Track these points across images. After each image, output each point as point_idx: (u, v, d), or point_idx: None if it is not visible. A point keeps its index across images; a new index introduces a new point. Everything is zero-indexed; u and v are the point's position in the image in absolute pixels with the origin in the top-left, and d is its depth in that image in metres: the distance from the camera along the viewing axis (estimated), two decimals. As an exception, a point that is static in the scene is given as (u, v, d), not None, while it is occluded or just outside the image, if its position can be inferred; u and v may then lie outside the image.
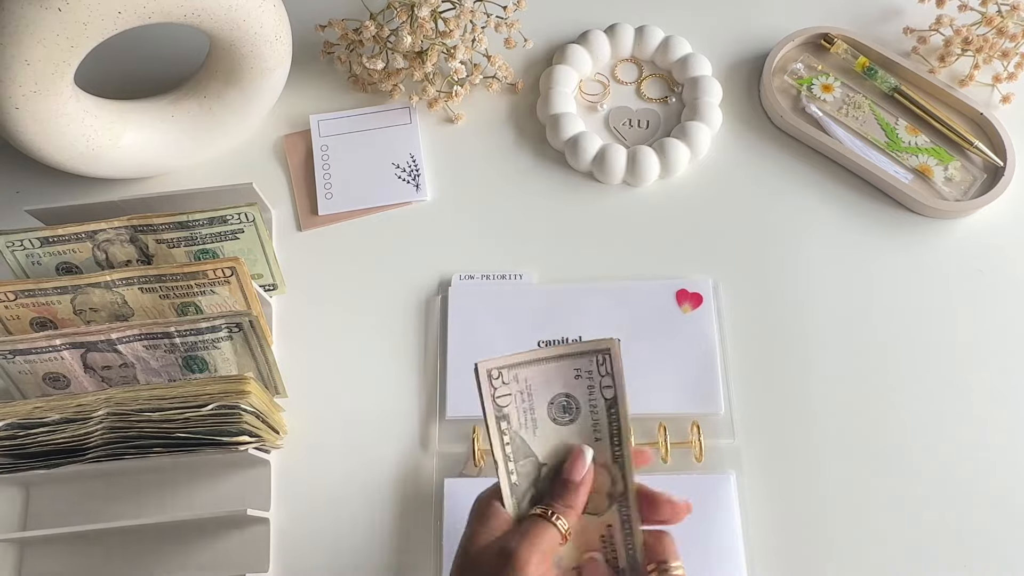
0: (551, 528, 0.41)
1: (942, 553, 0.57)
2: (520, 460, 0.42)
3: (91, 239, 0.59)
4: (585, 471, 0.42)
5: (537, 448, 0.42)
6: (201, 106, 0.66)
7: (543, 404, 0.42)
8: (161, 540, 0.57)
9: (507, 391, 0.41)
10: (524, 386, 0.41)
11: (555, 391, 0.42)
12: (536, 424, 0.42)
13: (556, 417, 0.42)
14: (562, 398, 0.42)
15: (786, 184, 0.69)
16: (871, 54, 0.71)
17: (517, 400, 0.41)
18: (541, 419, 0.42)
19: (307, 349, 0.64)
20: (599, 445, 0.43)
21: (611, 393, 0.42)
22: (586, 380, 0.42)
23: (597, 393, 0.42)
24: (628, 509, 0.43)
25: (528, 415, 0.42)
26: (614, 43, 0.73)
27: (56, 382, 0.57)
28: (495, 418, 0.41)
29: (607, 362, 0.41)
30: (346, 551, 0.58)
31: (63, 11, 0.52)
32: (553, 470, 0.42)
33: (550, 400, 0.42)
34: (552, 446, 0.42)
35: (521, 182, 0.69)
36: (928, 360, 0.62)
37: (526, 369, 0.41)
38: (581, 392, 0.42)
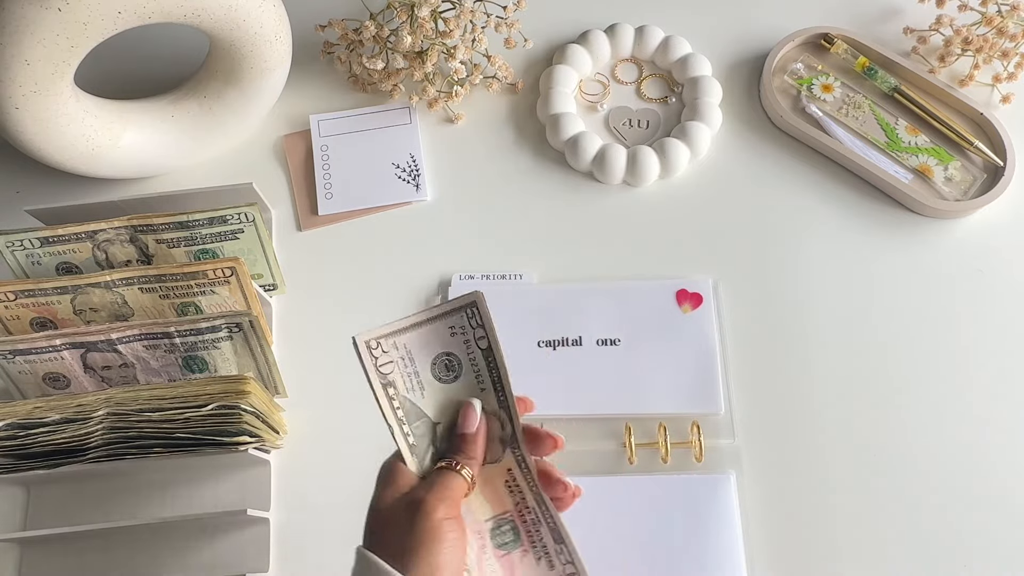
0: (456, 476, 0.42)
1: (942, 553, 0.57)
2: (414, 422, 0.44)
3: (91, 239, 0.59)
4: (477, 422, 0.43)
5: (428, 408, 0.44)
6: (201, 106, 0.66)
7: (426, 366, 0.43)
8: (161, 540, 0.57)
9: (389, 359, 0.42)
10: (404, 352, 0.43)
11: (435, 351, 0.43)
12: (423, 386, 0.43)
13: (440, 376, 0.44)
14: (443, 357, 0.43)
15: (786, 184, 0.69)
16: (871, 54, 0.71)
17: (400, 366, 0.43)
18: (427, 380, 0.43)
19: (307, 349, 0.64)
20: (485, 395, 0.44)
21: (485, 343, 0.43)
22: (461, 336, 0.43)
23: (473, 346, 0.43)
24: (520, 450, 0.44)
25: (413, 379, 0.43)
26: (614, 43, 0.73)
27: (56, 382, 0.57)
28: (382, 386, 0.42)
29: (476, 315, 0.42)
30: (346, 551, 0.58)
31: (63, 11, 0.52)
32: (447, 428, 0.44)
33: (432, 361, 0.43)
34: (441, 404, 0.44)
35: (521, 182, 0.69)
36: (928, 360, 0.62)
37: (403, 336, 0.42)
38: (459, 348, 0.43)
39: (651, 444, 0.58)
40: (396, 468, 0.44)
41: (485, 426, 0.44)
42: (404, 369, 0.43)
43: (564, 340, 0.62)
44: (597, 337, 0.62)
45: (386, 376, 0.42)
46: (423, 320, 0.43)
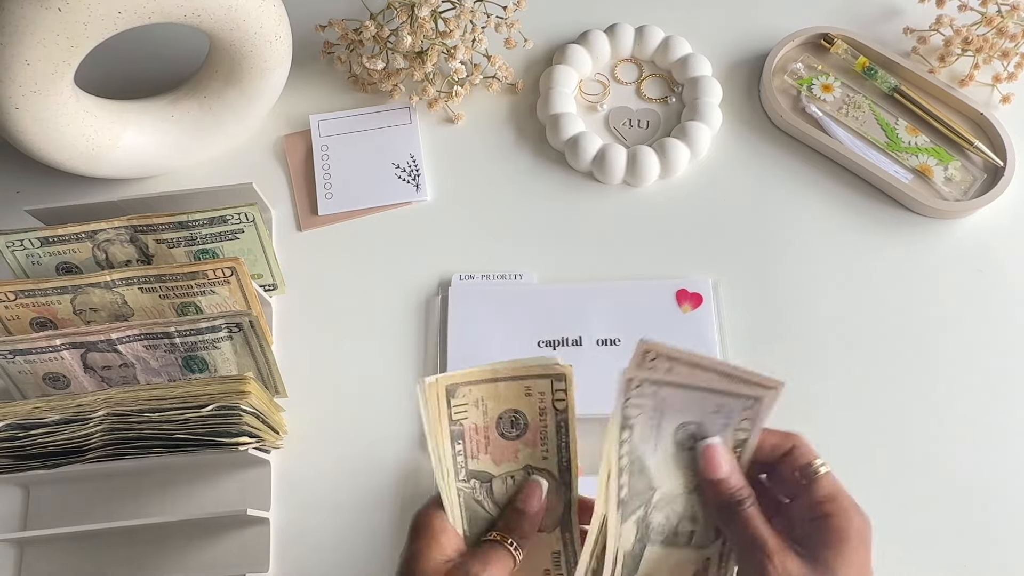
0: (508, 555, 0.40)
1: (942, 553, 0.57)
2: (634, 476, 0.40)
3: (91, 239, 0.59)
4: (540, 503, 0.42)
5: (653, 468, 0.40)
6: (201, 106, 0.66)
7: (494, 419, 0.41)
8: (161, 540, 0.57)
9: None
10: (659, 403, 0.39)
11: (684, 418, 0.40)
12: (657, 444, 0.40)
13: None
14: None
15: (786, 184, 0.69)
16: (871, 54, 0.71)
17: (647, 414, 0.40)
18: (664, 440, 0.40)
19: (307, 349, 0.64)
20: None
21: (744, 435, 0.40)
22: (720, 416, 0.40)
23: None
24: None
25: (653, 432, 0.40)
26: (614, 43, 0.73)
27: (56, 382, 0.57)
28: (619, 427, 0.39)
29: (753, 406, 0.39)
30: (346, 551, 0.58)
31: (63, 11, 0.52)
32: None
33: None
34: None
35: (521, 182, 0.69)
36: (928, 360, 0.62)
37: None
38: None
39: None
40: (438, 522, 0.41)
41: (544, 507, 0.42)
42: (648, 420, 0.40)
43: (564, 340, 0.62)
44: (597, 337, 0.62)
45: (629, 419, 0.39)
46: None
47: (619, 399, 0.39)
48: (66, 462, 0.52)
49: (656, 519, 0.41)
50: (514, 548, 0.41)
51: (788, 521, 0.40)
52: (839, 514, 0.38)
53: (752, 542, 0.38)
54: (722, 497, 0.39)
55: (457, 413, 0.41)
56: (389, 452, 0.60)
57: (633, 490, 0.40)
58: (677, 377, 0.39)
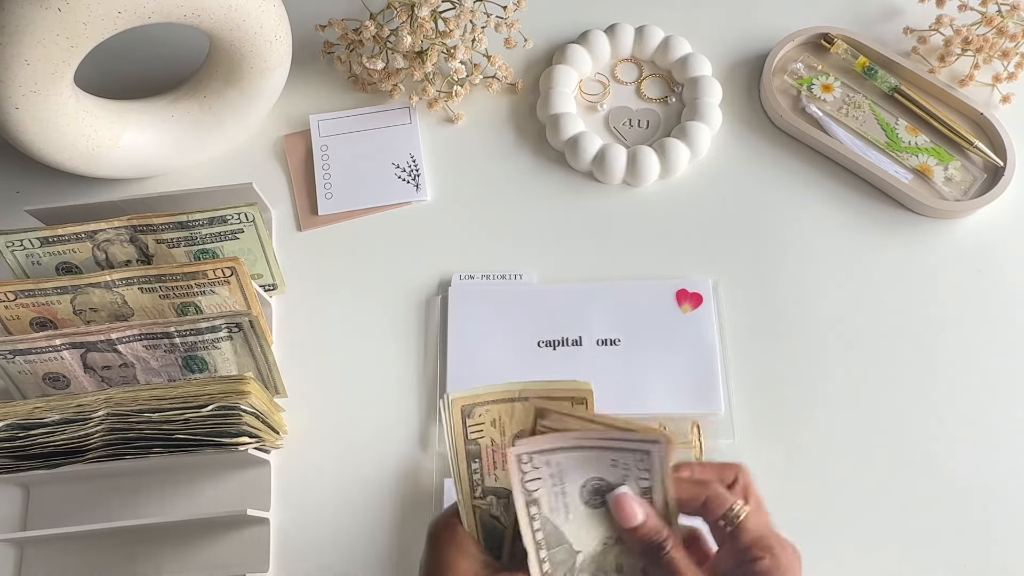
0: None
1: (942, 553, 0.57)
2: (553, 547, 0.40)
3: (91, 239, 0.59)
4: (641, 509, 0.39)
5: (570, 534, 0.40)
6: (201, 106, 0.66)
7: (575, 488, 0.40)
8: (161, 540, 0.57)
9: (538, 475, 0.39)
10: (556, 470, 0.39)
11: (588, 474, 0.40)
12: (567, 508, 0.40)
13: (588, 500, 0.40)
14: (594, 481, 0.40)
15: (786, 184, 0.69)
16: (871, 54, 0.71)
17: (548, 484, 0.39)
18: (573, 503, 0.40)
19: (307, 349, 0.64)
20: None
21: (646, 484, 0.39)
22: (622, 470, 0.39)
23: (632, 483, 0.40)
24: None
25: (560, 499, 0.40)
26: (614, 43, 0.73)
27: (56, 382, 0.57)
28: (524, 503, 0.39)
29: (646, 460, 0.39)
30: (346, 551, 0.58)
31: (63, 11, 0.52)
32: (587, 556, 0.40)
33: (582, 483, 0.40)
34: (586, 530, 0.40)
35: (521, 182, 0.69)
36: (927, 360, 0.62)
37: (558, 455, 0.39)
38: (614, 477, 0.40)
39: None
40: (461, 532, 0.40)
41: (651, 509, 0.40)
42: (551, 488, 0.39)
43: (564, 340, 0.62)
44: (597, 337, 0.62)
45: (531, 493, 0.39)
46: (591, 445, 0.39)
47: (514, 479, 0.39)
48: (66, 462, 0.52)
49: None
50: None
51: (723, 566, 0.40)
52: (767, 555, 0.38)
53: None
54: (643, 543, 0.39)
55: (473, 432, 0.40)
56: (389, 452, 0.60)
57: (555, 561, 0.39)
58: (564, 442, 0.39)
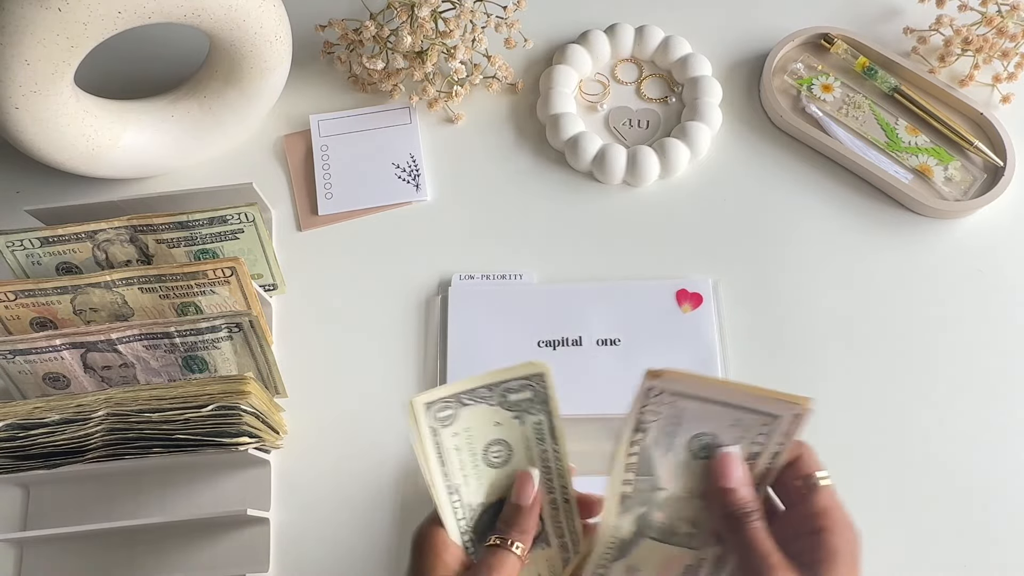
0: (512, 557, 0.40)
1: (942, 553, 0.57)
2: (641, 475, 0.40)
3: (91, 239, 0.59)
4: (533, 494, 0.41)
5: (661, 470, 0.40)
6: (201, 106, 0.66)
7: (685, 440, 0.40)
8: (161, 540, 0.57)
9: (658, 411, 0.39)
10: (677, 412, 0.39)
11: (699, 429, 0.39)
12: (670, 448, 0.40)
13: (696, 452, 0.40)
14: (705, 436, 0.40)
15: (786, 184, 0.69)
16: (871, 54, 0.71)
17: (663, 422, 0.39)
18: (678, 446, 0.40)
19: (307, 349, 0.64)
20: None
21: (758, 449, 0.39)
22: (738, 431, 0.39)
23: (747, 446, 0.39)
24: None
25: (667, 438, 0.40)
26: (614, 43, 0.73)
27: (56, 382, 0.57)
28: (632, 428, 0.39)
29: (770, 425, 0.38)
30: (346, 551, 0.58)
31: (63, 11, 0.52)
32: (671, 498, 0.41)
33: (693, 434, 0.40)
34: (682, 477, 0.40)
35: (521, 182, 0.69)
36: (928, 360, 0.62)
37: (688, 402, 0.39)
38: (729, 436, 0.40)
39: None
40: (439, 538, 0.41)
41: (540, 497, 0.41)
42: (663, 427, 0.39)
43: (564, 340, 0.62)
44: (597, 337, 0.62)
45: (642, 423, 0.39)
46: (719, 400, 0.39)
47: (636, 403, 0.39)
48: (66, 462, 0.52)
49: (656, 517, 0.41)
50: (517, 548, 0.41)
51: (783, 528, 0.40)
52: (833, 529, 0.38)
53: (756, 556, 0.38)
54: (730, 507, 0.39)
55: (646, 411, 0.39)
56: (389, 452, 0.60)
57: (637, 488, 0.40)
58: (700, 390, 0.39)
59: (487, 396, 0.41)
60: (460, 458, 0.41)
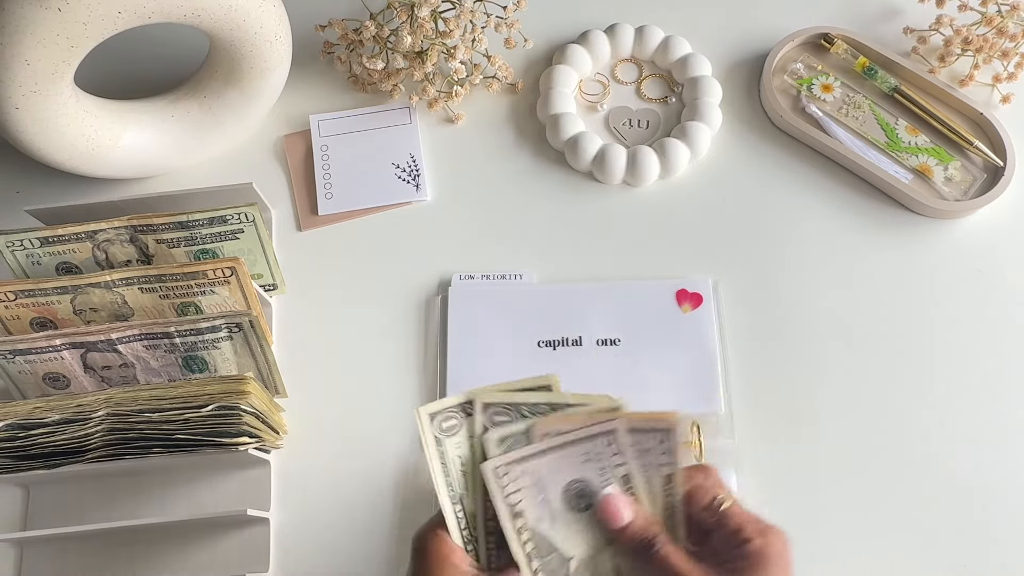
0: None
1: (942, 553, 0.57)
2: (545, 556, 0.40)
3: (91, 239, 0.59)
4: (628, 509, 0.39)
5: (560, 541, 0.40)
6: (201, 106, 0.66)
7: (557, 494, 0.40)
8: (161, 540, 0.57)
9: (517, 487, 0.39)
10: (534, 478, 0.39)
11: (567, 479, 0.40)
12: (553, 516, 0.40)
13: (574, 505, 0.40)
14: (576, 484, 0.40)
15: (786, 184, 0.69)
16: (871, 54, 0.71)
17: (530, 494, 0.39)
18: (557, 510, 0.40)
19: (307, 349, 0.64)
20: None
21: (623, 471, 0.40)
22: (596, 463, 0.40)
23: (609, 473, 0.40)
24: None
25: (544, 507, 0.40)
26: (614, 43, 0.73)
27: (56, 382, 0.57)
28: (511, 516, 0.39)
29: (614, 443, 0.39)
30: (346, 551, 0.58)
31: (63, 11, 0.52)
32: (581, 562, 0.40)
33: (564, 488, 0.40)
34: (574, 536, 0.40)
35: (521, 182, 0.69)
36: (927, 360, 0.62)
37: (531, 462, 0.39)
38: (593, 474, 0.40)
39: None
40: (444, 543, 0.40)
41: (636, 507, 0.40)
42: (534, 498, 0.39)
43: (564, 340, 0.62)
44: (597, 337, 0.62)
45: (514, 506, 0.39)
46: (559, 443, 0.39)
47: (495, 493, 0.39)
48: (66, 462, 0.52)
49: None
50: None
51: (714, 551, 0.40)
52: (754, 537, 0.39)
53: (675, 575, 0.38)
54: (633, 542, 0.39)
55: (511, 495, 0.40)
56: (389, 452, 0.60)
57: (548, 570, 0.39)
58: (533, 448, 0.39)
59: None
60: (464, 468, 0.41)
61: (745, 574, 0.38)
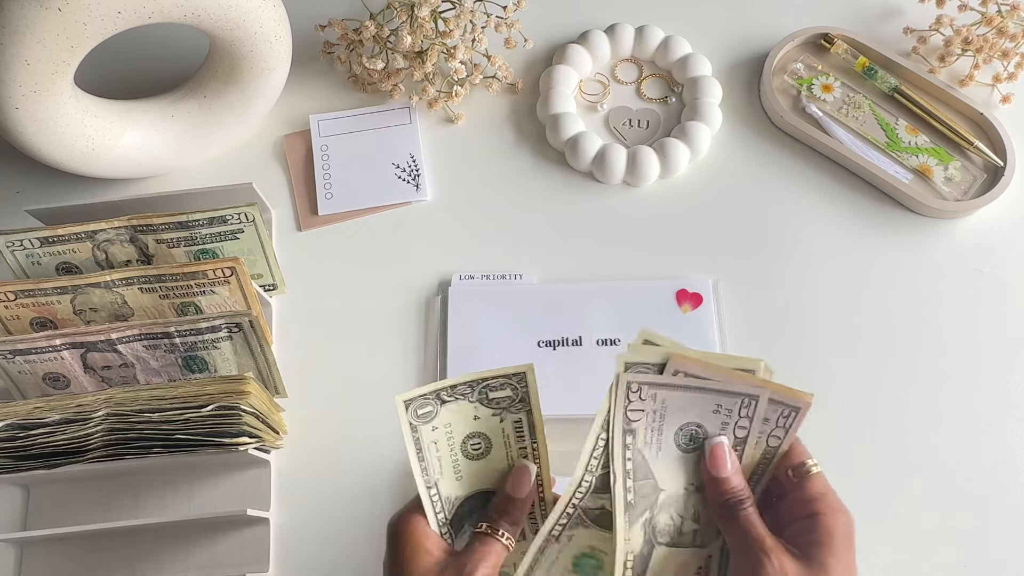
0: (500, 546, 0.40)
1: (942, 553, 0.57)
2: (639, 480, 0.40)
3: (91, 239, 0.59)
4: (528, 488, 0.41)
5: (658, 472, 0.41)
6: (201, 106, 0.66)
7: (672, 430, 0.40)
8: (161, 540, 0.57)
9: (642, 408, 0.40)
10: (659, 406, 0.40)
11: (687, 418, 0.40)
12: (660, 446, 0.40)
13: (682, 444, 0.41)
14: (692, 427, 0.40)
15: (786, 184, 0.69)
16: (871, 54, 0.71)
17: (648, 419, 0.40)
18: (666, 443, 0.40)
19: (307, 349, 0.64)
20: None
21: (743, 434, 0.40)
22: (722, 416, 0.40)
23: (730, 430, 0.40)
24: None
25: (655, 436, 0.40)
26: (614, 43, 0.73)
27: (56, 382, 0.57)
28: (623, 431, 0.40)
29: (751, 407, 0.39)
30: (346, 551, 0.58)
31: (63, 11, 0.52)
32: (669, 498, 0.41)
33: (679, 426, 0.40)
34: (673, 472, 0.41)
35: (521, 182, 0.69)
36: (928, 360, 0.62)
37: (667, 391, 0.40)
38: (713, 424, 0.40)
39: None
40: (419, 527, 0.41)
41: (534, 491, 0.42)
42: (650, 423, 0.40)
43: (564, 340, 0.62)
44: (597, 337, 0.62)
45: (631, 423, 0.40)
46: (699, 386, 0.39)
47: (619, 404, 0.39)
48: (66, 462, 0.52)
49: (662, 520, 0.41)
50: (505, 539, 0.41)
51: (776, 517, 0.41)
52: (828, 512, 0.39)
53: (750, 541, 0.39)
54: (723, 496, 0.40)
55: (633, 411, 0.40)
56: (389, 452, 0.60)
57: (639, 493, 0.40)
58: (675, 379, 0.39)
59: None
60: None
61: (810, 548, 0.38)
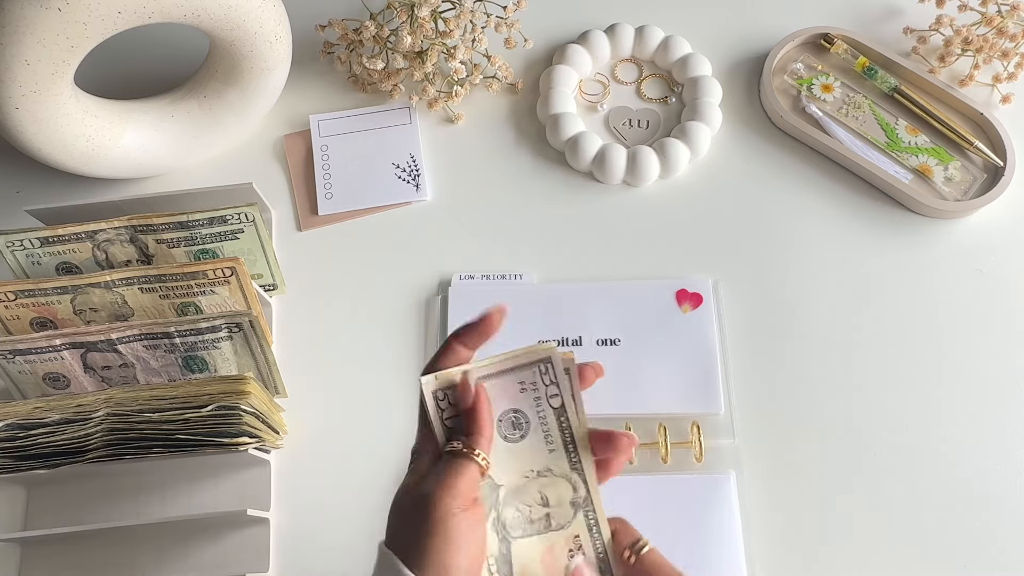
0: (467, 461, 0.39)
1: (941, 553, 0.57)
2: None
3: (91, 239, 0.59)
4: (472, 393, 0.40)
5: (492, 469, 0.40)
6: (201, 106, 0.66)
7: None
8: (161, 540, 0.57)
9: (454, 411, 0.40)
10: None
11: (502, 408, 0.41)
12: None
13: (507, 435, 0.41)
14: (510, 414, 0.41)
15: (786, 184, 0.69)
16: (871, 54, 0.71)
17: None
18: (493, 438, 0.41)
19: (307, 349, 0.64)
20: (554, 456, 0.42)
21: (558, 402, 0.41)
22: (531, 392, 0.41)
23: (544, 403, 0.41)
24: (594, 513, 0.42)
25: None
26: (614, 43, 0.73)
27: (56, 382, 0.57)
28: (444, 440, 0.40)
29: (550, 371, 0.40)
30: (346, 551, 0.58)
31: (63, 11, 0.52)
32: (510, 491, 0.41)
33: (498, 418, 0.41)
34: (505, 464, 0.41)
35: (521, 182, 0.69)
36: (928, 360, 0.62)
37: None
38: (528, 405, 0.41)
39: (651, 444, 0.58)
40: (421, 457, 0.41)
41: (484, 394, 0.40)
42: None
43: (564, 340, 0.62)
44: (597, 337, 0.62)
45: (450, 430, 0.40)
46: (491, 373, 0.40)
47: (434, 415, 0.40)
48: (66, 462, 0.52)
49: (509, 515, 0.41)
50: (479, 457, 0.39)
51: None
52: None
53: None
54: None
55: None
56: (389, 452, 0.60)
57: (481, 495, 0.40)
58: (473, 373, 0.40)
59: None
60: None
61: None
